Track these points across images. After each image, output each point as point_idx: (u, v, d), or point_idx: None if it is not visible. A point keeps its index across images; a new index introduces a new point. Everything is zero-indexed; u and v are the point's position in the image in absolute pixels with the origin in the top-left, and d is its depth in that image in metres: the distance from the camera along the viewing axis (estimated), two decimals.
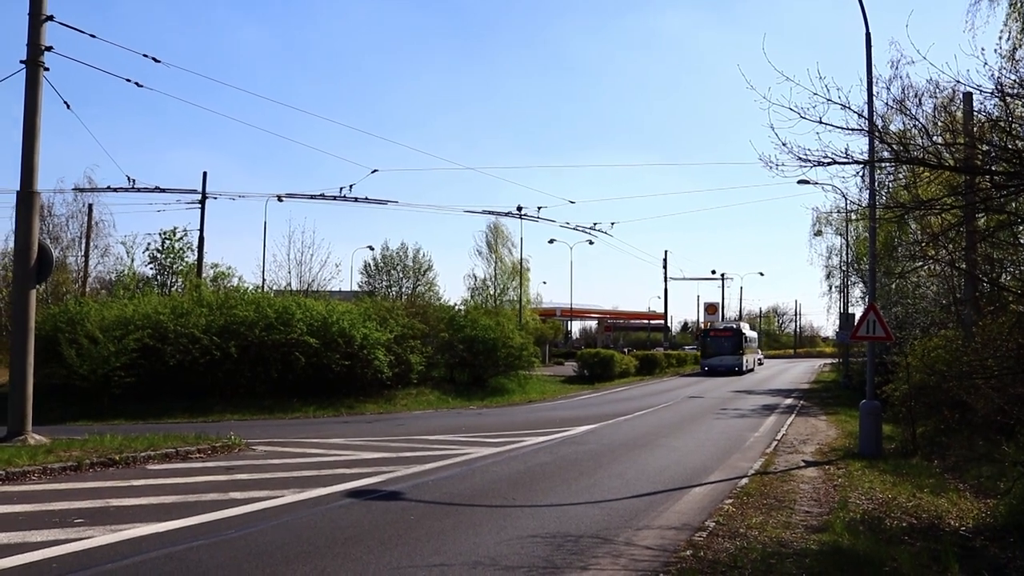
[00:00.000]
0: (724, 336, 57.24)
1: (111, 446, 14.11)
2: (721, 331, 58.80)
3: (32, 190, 16.25)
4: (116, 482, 11.57)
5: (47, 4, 16.24)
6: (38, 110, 16.13)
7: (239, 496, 10.47)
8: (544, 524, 9.18)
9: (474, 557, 7.56)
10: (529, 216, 37.54)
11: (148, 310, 28.03)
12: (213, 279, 39.99)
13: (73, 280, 47.12)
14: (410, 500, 10.55)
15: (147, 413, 24.70)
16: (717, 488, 12.02)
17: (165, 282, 43.18)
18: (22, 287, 16.18)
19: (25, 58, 16.09)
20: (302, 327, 27.69)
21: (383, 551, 7.75)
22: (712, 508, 10.20)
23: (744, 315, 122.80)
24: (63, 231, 48.20)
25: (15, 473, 11.62)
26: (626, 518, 9.65)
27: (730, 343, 56.00)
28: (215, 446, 15.05)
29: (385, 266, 58.67)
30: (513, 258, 64.09)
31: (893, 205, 14.72)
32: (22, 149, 16.15)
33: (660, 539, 8.50)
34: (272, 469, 13.11)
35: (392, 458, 14.52)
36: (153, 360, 26.29)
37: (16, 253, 16.70)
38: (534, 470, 13.58)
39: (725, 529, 8.70)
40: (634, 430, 20.64)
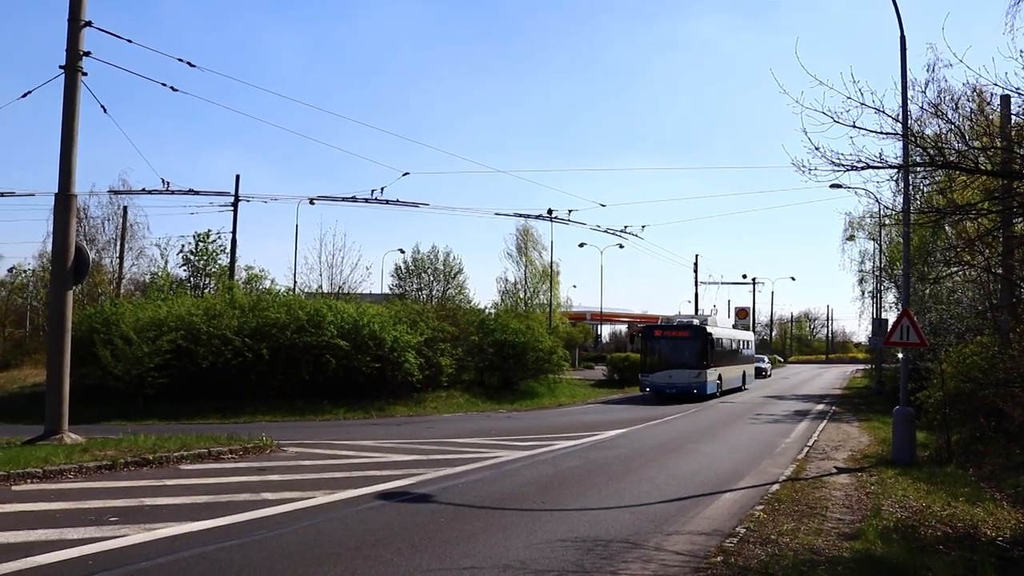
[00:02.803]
0: (677, 338, 36.20)
1: (145, 446, 14.27)
2: (673, 330, 37.32)
3: (69, 193, 16.46)
4: (150, 481, 11.70)
5: (86, 10, 16.46)
6: (76, 114, 16.34)
7: (271, 497, 10.55)
8: (574, 528, 9.17)
9: (504, 560, 7.56)
10: (560, 219, 37.50)
11: (181, 312, 28.34)
12: (246, 281, 40.30)
13: (108, 281, 47.72)
14: (440, 503, 10.57)
15: (180, 413, 24.96)
16: (748, 494, 11.94)
17: (198, 284, 43.58)
18: (60, 288, 16.38)
19: (64, 63, 16.31)
20: (333, 330, 27.86)
21: (413, 553, 7.77)
22: (743, 514, 10.13)
23: (775, 320, 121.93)
24: (99, 233, 48.83)
25: (52, 471, 11.78)
26: (656, 523, 9.61)
27: (688, 350, 35.42)
28: (247, 447, 15.17)
29: (416, 269, 58.79)
30: (543, 261, 63.98)
31: (928, 210, 14.59)
32: (60, 153, 16.36)
33: (690, 545, 8.45)
34: (303, 470, 13.19)
35: (422, 460, 14.56)
36: (186, 361, 26.57)
37: (54, 255, 16.94)
38: (564, 474, 13.56)
39: (756, 535, 8.64)
40: (664, 434, 20.56)
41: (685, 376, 34.90)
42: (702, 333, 35.84)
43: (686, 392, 34.47)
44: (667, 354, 36.25)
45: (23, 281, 69.79)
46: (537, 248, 64.85)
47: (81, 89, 16.42)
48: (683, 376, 34.91)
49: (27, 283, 68.49)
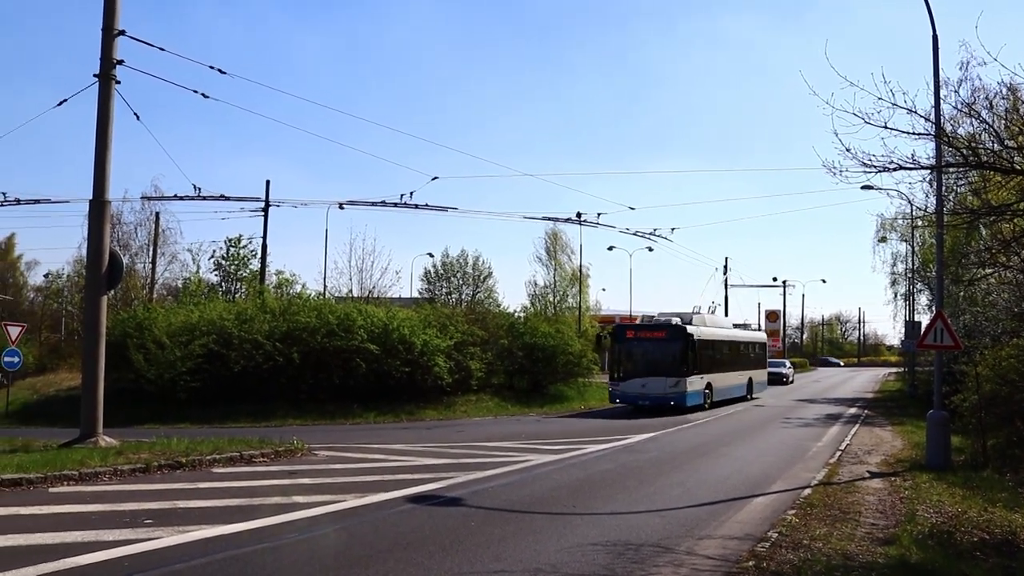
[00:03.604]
0: (652, 339, 30.41)
1: (178, 449, 14.41)
2: (648, 330, 31.49)
3: (103, 199, 16.67)
4: (183, 484, 11.82)
5: (119, 19, 16.66)
6: (110, 122, 16.56)
7: (302, 500, 10.61)
8: (605, 532, 9.14)
9: (535, 564, 7.56)
10: (589, 222, 37.29)
11: (213, 316, 28.60)
12: (276, 286, 40.57)
13: (141, 286, 48.27)
14: (470, 506, 10.58)
15: (212, 417, 25.18)
16: (779, 498, 11.85)
17: (229, 289, 43.93)
18: (94, 293, 16.60)
19: (98, 72, 16.53)
20: (363, 334, 28.00)
21: (444, 556, 7.79)
22: (774, 519, 10.05)
23: (807, 323, 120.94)
24: (132, 238, 49.41)
25: (88, 474, 11.94)
26: (687, 527, 9.56)
27: (664, 354, 29.68)
28: (278, 450, 15.28)
29: (445, 273, 58.96)
30: (573, 265, 63.90)
31: (962, 211, 14.40)
32: (94, 159, 16.57)
33: (722, 549, 8.40)
34: (334, 474, 13.26)
35: (452, 464, 14.59)
36: (218, 365, 26.81)
37: (88, 260, 17.17)
38: (594, 478, 13.53)
39: (788, 540, 8.56)
40: (695, 438, 20.45)
41: (660, 385, 28.90)
42: (681, 334, 29.46)
43: (661, 404, 28.69)
44: (640, 359, 30.32)
45: (58, 286, 70.72)
46: (566, 251, 64.81)
47: (115, 97, 16.63)
48: (657, 385, 28.96)
49: (62, 288, 69.41)
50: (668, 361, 29.52)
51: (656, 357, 29.94)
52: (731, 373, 34.67)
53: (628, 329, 32.16)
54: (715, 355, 33.09)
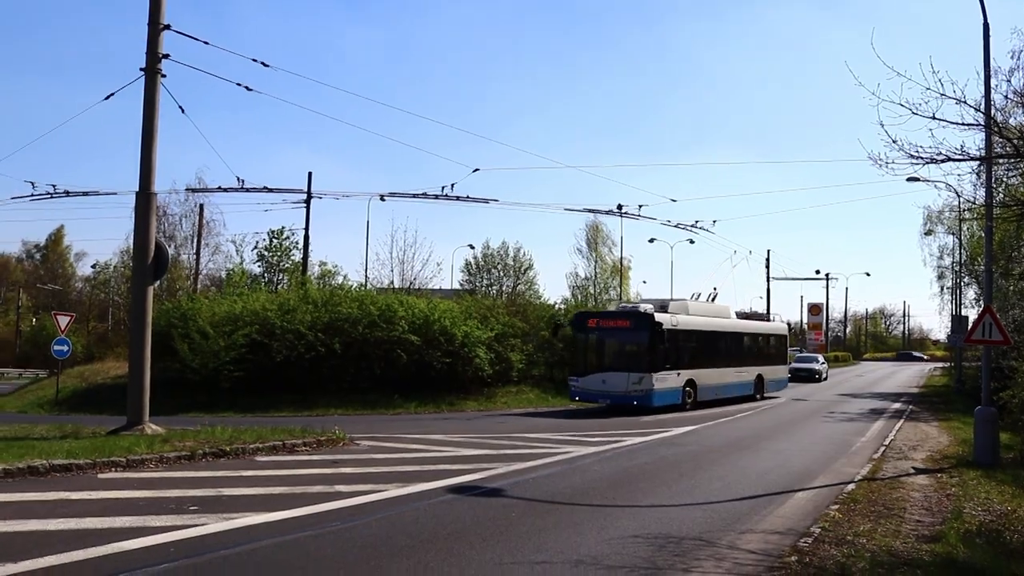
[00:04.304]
0: (616, 330, 26.95)
1: (222, 437, 14.60)
2: (612, 319, 27.74)
3: (149, 191, 16.91)
4: (227, 472, 11.97)
5: (165, 14, 16.87)
6: (155, 115, 16.77)
7: (344, 489, 10.70)
8: (645, 525, 9.11)
9: (576, 556, 7.56)
10: (629, 214, 37.18)
11: (256, 307, 28.94)
12: (319, 277, 40.92)
13: (186, 277, 48.99)
14: (511, 497, 10.60)
15: (255, 406, 25.49)
16: (822, 493, 11.72)
17: (272, 279, 44.41)
18: (140, 284, 16.85)
19: (144, 66, 16.74)
20: (404, 325, 28.18)
21: (485, 547, 7.81)
22: (817, 514, 9.95)
23: (850, 316, 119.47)
24: (177, 230, 50.20)
25: (135, 461, 12.15)
26: (728, 521, 9.50)
27: (628, 346, 26.81)
28: (320, 440, 15.42)
29: (486, 264, 59.16)
30: (613, 257, 63.71)
31: (1012, 203, 14.15)
32: (140, 152, 16.80)
33: (764, 543, 8.34)
34: (376, 464, 13.35)
35: (493, 455, 14.63)
36: (261, 355, 27.13)
37: (135, 251, 17.42)
38: (634, 470, 13.50)
39: (831, 536, 8.47)
40: (735, 432, 20.31)
41: (621, 381, 25.56)
42: (646, 323, 25.68)
43: (623, 403, 25.55)
44: (602, 351, 27.36)
45: (106, 277, 72.06)
46: (607, 244, 64.63)
47: (160, 91, 16.85)
48: (618, 381, 25.64)
49: (109, 279, 70.68)
50: (631, 354, 26.41)
51: (619, 350, 27.14)
52: (727, 369, 30.57)
53: (590, 317, 28.46)
54: (701, 348, 29.17)
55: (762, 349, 34.70)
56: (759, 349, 34.40)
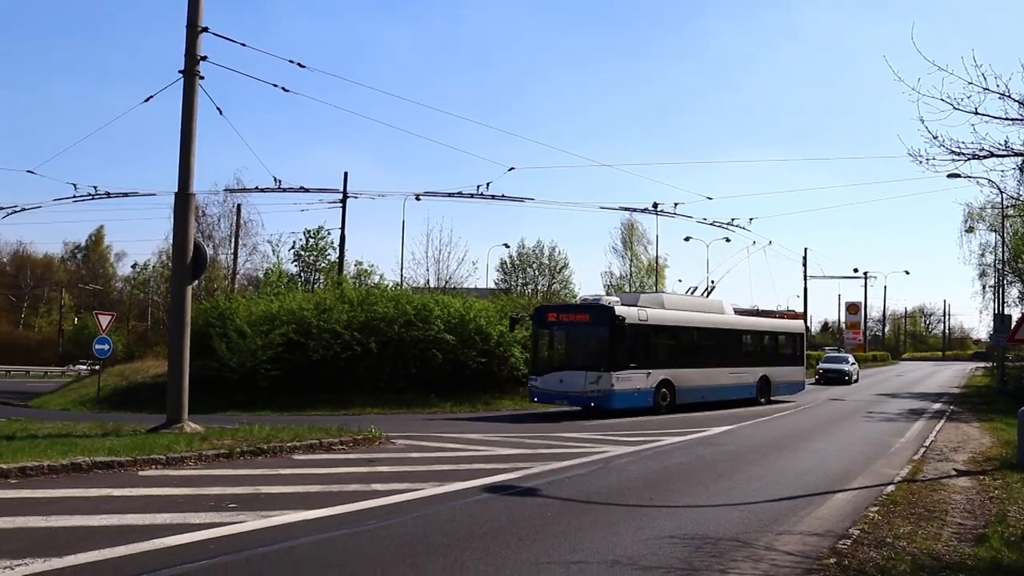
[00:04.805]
0: (574, 324, 25.10)
1: (260, 436, 14.74)
2: (571, 312, 26.12)
3: (188, 192, 17.10)
4: (265, 470, 12.09)
5: (203, 17, 17.05)
6: (194, 117, 16.95)
7: (380, 488, 10.75)
8: (681, 525, 9.07)
9: (612, 556, 7.54)
10: (665, 212, 37.00)
11: (293, 306, 29.21)
12: (354, 276, 41.21)
13: (223, 277, 49.56)
14: (547, 497, 10.60)
15: (292, 405, 25.71)
16: (861, 495, 11.58)
17: (309, 279, 44.79)
18: (179, 284, 17.04)
19: (182, 68, 16.93)
20: (440, 324, 28.31)
21: (521, 546, 7.81)
22: (856, 515, 9.83)
23: (889, 315, 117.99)
24: (215, 230, 50.87)
25: (174, 458, 12.30)
26: (766, 522, 9.42)
27: (586, 342, 24.87)
28: (357, 438, 15.51)
29: (521, 263, 59.26)
30: (649, 255, 63.56)
31: None
32: (179, 153, 17.00)
33: (802, 545, 8.26)
34: (411, 462, 13.41)
35: (528, 454, 14.63)
36: (297, 354, 27.38)
37: (174, 251, 17.64)
38: (670, 470, 13.43)
39: (870, 538, 8.36)
40: (772, 432, 20.15)
41: (578, 381, 23.62)
42: (606, 317, 23.65)
43: (581, 403, 23.96)
44: (561, 348, 25.57)
45: (145, 277, 73.11)
46: (642, 242, 64.50)
47: (199, 92, 17.03)
48: (575, 381, 23.70)
49: (149, 279, 71.70)
50: (590, 351, 24.51)
51: (576, 346, 25.14)
52: (719, 369, 28.05)
53: (550, 311, 26.53)
54: (681, 345, 27.13)
55: (768, 348, 32.15)
56: (764, 348, 31.87)
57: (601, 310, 24.20)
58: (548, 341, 25.94)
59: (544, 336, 25.99)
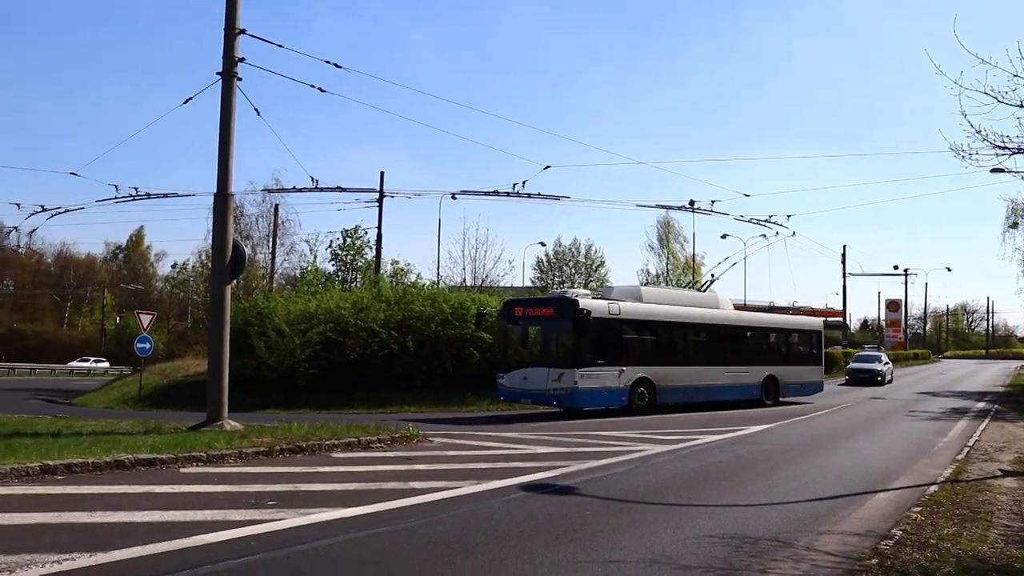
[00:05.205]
0: (539, 318, 24.31)
1: (298, 434, 14.85)
2: (536, 306, 25.34)
3: (227, 192, 17.28)
4: (303, 468, 12.18)
5: (240, 19, 17.20)
6: (232, 118, 17.12)
7: (418, 486, 10.78)
8: (720, 524, 9.00)
9: (650, 555, 7.50)
10: (702, 210, 36.67)
11: (330, 305, 29.44)
12: (391, 275, 41.41)
13: (262, 276, 50.01)
14: (584, 495, 10.57)
15: (330, 403, 25.88)
16: (903, 495, 11.42)
17: (346, 278, 45.06)
18: (219, 283, 17.22)
19: (220, 70, 17.10)
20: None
21: (558, 545, 7.80)
22: (898, 516, 9.68)
23: (930, 312, 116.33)
24: (253, 230, 51.29)
25: (215, 456, 12.44)
26: (806, 522, 9.32)
27: (550, 338, 24.25)
28: (394, 436, 15.58)
29: (557, 262, 59.13)
30: (685, 253, 63.23)
31: None
32: (218, 154, 17.19)
33: (843, 545, 8.16)
34: (449, 460, 13.44)
35: (565, 453, 14.61)
36: (335, 353, 27.58)
37: (213, 251, 17.83)
38: (708, 469, 13.35)
39: (913, 539, 8.23)
40: (811, 430, 19.95)
41: (541, 378, 22.64)
42: (570, 311, 22.40)
43: (544, 402, 23.04)
44: (526, 343, 24.75)
45: (184, 276, 74.02)
46: (679, 240, 64.19)
47: (236, 94, 17.19)
48: (538, 378, 22.72)
49: (188, 279, 72.59)
50: (552, 347, 23.70)
51: (541, 342, 24.41)
52: (713, 368, 26.57)
53: (517, 305, 25.45)
54: (664, 341, 25.63)
55: (776, 346, 30.36)
56: (771, 346, 30.11)
57: (564, 303, 23.23)
58: (514, 337, 25.07)
59: (511, 331, 25.07)
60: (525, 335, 24.91)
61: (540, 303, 25.57)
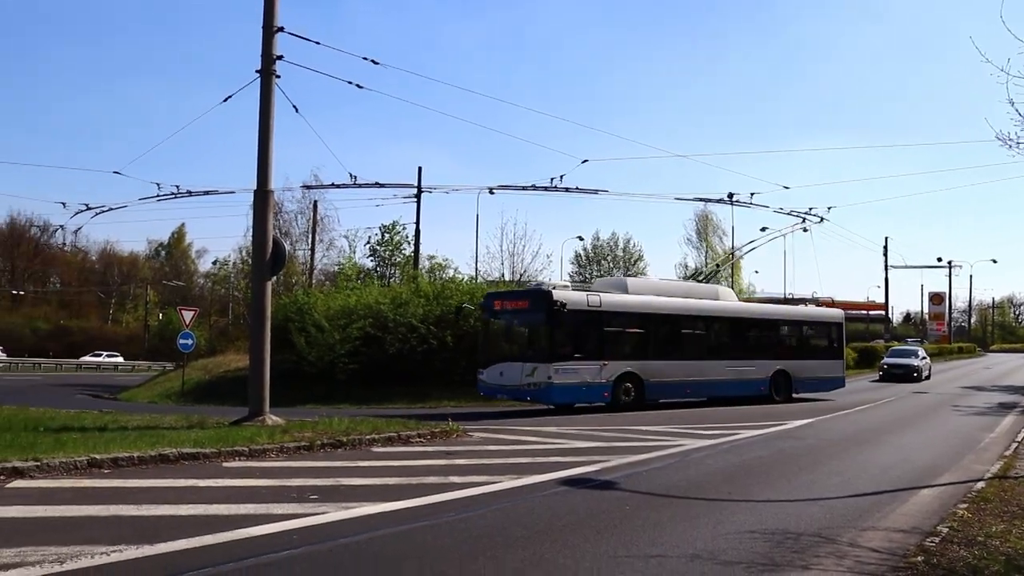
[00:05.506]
0: (514, 312, 23.64)
1: (339, 428, 14.98)
2: (512, 299, 24.43)
3: (267, 189, 17.42)
4: (344, 462, 12.26)
5: (278, 17, 17.32)
6: (271, 115, 17.25)
7: (458, 480, 10.82)
8: (762, 520, 8.93)
9: (691, 550, 7.45)
10: (741, 203, 36.36)
11: (369, 300, 29.64)
12: (429, 270, 41.58)
13: (301, 272, 50.43)
14: (624, 490, 10.54)
15: (369, 398, 26.04)
16: (948, 491, 11.24)
17: (384, 273, 45.29)
18: (259, 279, 17.38)
19: (259, 68, 17.24)
20: None
21: (599, 539, 7.78)
22: (944, 512, 9.52)
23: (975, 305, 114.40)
24: (292, 226, 51.74)
25: (256, 450, 12.57)
26: (849, 518, 9.20)
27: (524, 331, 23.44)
28: (434, 431, 15.64)
29: (596, 256, 59.11)
30: (724, 247, 62.76)
31: None
32: (257, 152, 17.33)
33: (887, 542, 8.05)
34: (488, 455, 13.47)
35: (605, 448, 14.58)
36: (374, 348, 27.77)
37: (254, 248, 18.00)
38: (749, 464, 13.25)
39: (960, 536, 8.08)
40: (854, 425, 19.72)
41: (515, 373, 22.13)
42: (543, 303, 21.82)
43: (518, 397, 22.66)
44: (502, 337, 23.92)
45: (225, 272, 74.86)
46: (717, 233, 63.89)
47: (275, 91, 17.32)
48: (513, 373, 22.20)
49: (229, 275, 73.41)
50: (526, 341, 22.93)
51: (516, 336, 23.50)
52: (708, 362, 25.59)
53: (496, 298, 24.63)
54: (653, 335, 24.70)
55: (787, 339, 28.97)
56: (781, 339, 28.77)
57: (538, 295, 22.55)
58: (493, 331, 24.34)
59: (489, 325, 24.44)
60: (502, 329, 24.16)
61: (516, 296, 24.91)
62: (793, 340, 29.03)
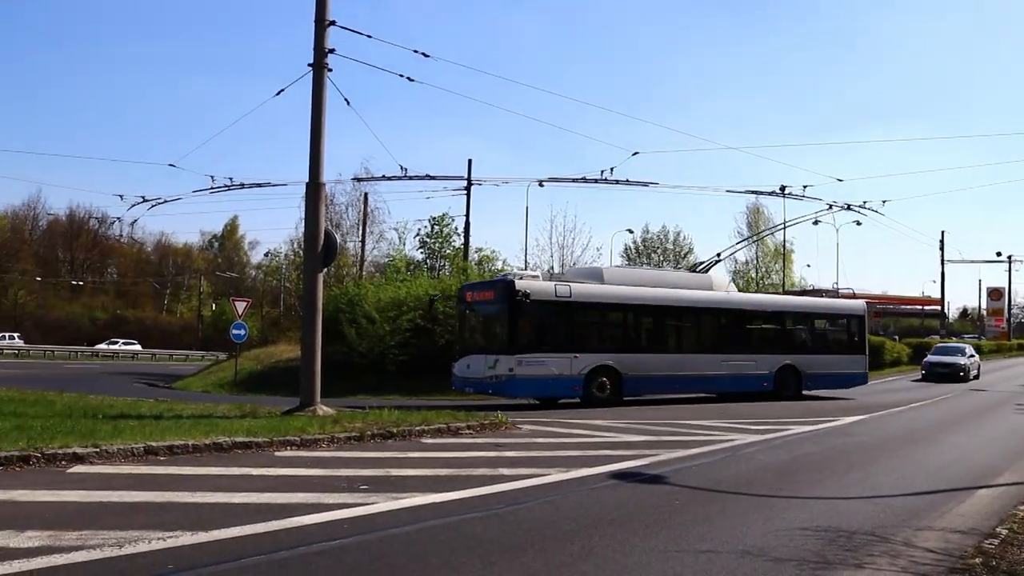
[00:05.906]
0: (481, 303, 23.19)
1: (389, 419, 15.09)
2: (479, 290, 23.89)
3: (319, 181, 17.58)
4: (394, 453, 12.35)
5: (330, 10, 17.44)
6: (323, 108, 17.40)
7: (507, 472, 10.84)
8: (813, 517, 8.81)
9: (742, 546, 7.38)
10: (793, 195, 35.77)
11: (419, 292, 29.73)
12: (478, 263, 41.66)
13: (352, 264, 50.86)
14: (674, 484, 10.48)
15: (419, 389, 26.19)
16: (1008, 492, 10.97)
17: (434, 266, 45.47)
18: (311, 271, 17.56)
19: (311, 61, 17.39)
20: None
21: (648, 534, 7.74)
22: (1003, 514, 9.29)
23: None
24: (343, 218, 52.18)
25: (308, 440, 12.72)
26: (903, 517, 9.04)
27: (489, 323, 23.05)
28: (483, 423, 15.69)
29: (646, 249, 58.80)
30: (776, 240, 61.96)
31: None
32: (310, 144, 17.50)
33: (943, 542, 7.89)
34: (537, 448, 13.48)
35: (654, 442, 14.50)
36: (424, 339, 27.92)
37: (305, 240, 18.19)
38: (800, 460, 13.09)
39: (1021, 538, 7.88)
40: (908, 423, 19.39)
41: (480, 365, 21.60)
42: (506, 294, 21.13)
43: (481, 390, 22.02)
44: (471, 330, 23.63)
45: (277, 264, 75.72)
46: (769, 226, 62.89)
47: (327, 85, 17.46)
48: (478, 365, 21.69)
49: (280, 266, 74.26)
50: (490, 332, 22.46)
51: (481, 327, 23.17)
52: (701, 356, 24.47)
53: (468, 290, 24.15)
54: (634, 326, 23.91)
55: (796, 333, 27.40)
56: (788, 333, 27.09)
57: (500, 286, 21.80)
58: (464, 322, 23.96)
59: (461, 317, 24.04)
60: (469, 320, 23.80)
61: (483, 287, 24.14)
62: (803, 333, 27.67)
